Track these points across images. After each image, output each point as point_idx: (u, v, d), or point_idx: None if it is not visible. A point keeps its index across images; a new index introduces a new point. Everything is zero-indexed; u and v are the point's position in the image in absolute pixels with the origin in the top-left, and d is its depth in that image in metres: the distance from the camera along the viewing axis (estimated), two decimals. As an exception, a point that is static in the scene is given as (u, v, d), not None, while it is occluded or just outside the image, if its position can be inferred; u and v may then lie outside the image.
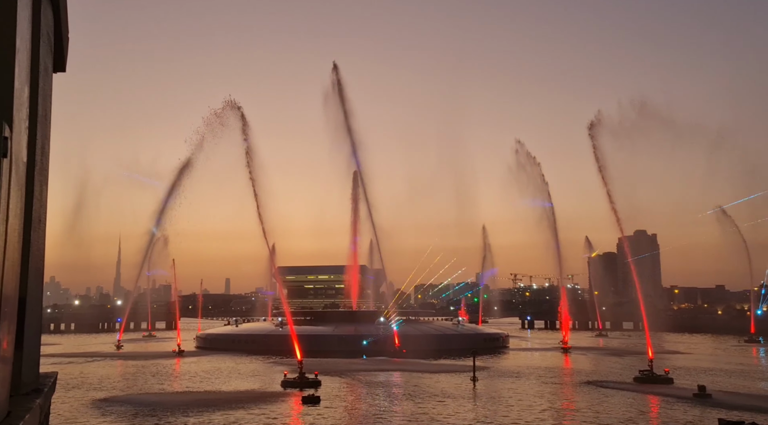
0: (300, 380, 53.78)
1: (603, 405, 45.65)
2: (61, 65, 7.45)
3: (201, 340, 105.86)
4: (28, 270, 5.64)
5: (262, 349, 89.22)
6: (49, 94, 6.70)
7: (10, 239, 4.38)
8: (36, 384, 6.36)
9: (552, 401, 48.11)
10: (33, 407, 5.29)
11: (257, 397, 49.31)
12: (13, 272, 4.70)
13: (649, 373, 58.12)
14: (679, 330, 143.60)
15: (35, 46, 5.60)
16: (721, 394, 49.75)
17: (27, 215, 5.51)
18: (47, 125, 6.65)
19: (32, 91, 5.53)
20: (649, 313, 70.52)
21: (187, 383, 59.64)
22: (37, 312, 6.38)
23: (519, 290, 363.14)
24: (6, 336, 4.50)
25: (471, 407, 44.64)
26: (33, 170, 5.76)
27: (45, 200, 6.62)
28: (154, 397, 50.03)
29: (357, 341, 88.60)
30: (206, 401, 47.41)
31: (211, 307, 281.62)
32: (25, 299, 5.54)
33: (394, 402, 47.10)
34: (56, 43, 7.03)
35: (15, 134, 4.38)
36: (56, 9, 6.67)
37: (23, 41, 4.65)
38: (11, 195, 4.37)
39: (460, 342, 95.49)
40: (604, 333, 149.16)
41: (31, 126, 5.57)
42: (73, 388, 53.55)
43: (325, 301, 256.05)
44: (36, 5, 5.56)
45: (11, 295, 4.67)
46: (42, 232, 6.48)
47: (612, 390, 53.44)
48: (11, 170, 4.31)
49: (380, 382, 59.26)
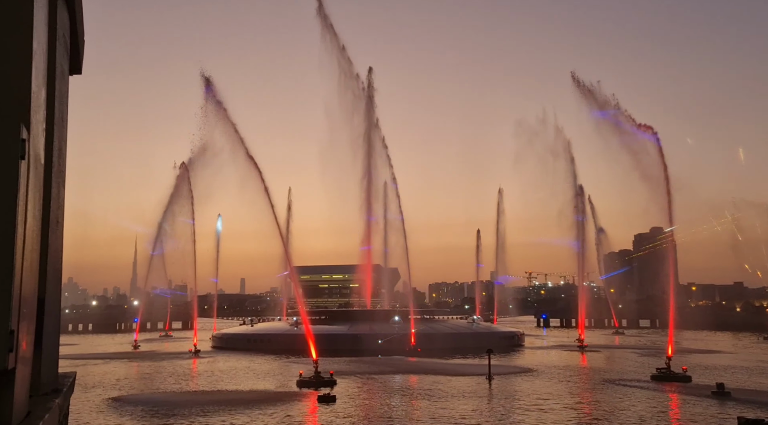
0: (315, 379, 53.89)
1: (620, 403, 45.30)
2: (77, 67, 7.50)
3: (217, 340, 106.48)
4: (46, 271, 5.69)
5: (277, 348, 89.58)
6: (65, 96, 6.75)
7: (28, 241, 4.41)
8: (55, 385, 6.41)
9: (570, 400, 47.81)
10: (52, 407, 5.33)
11: (273, 397, 49.50)
12: (31, 274, 4.73)
13: (666, 371, 57.59)
14: (697, 328, 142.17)
15: (52, 49, 5.64)
16: (740, 392, 49.17)
17: (45, 216, 5.55)
18: (64, 126, 6.70)
19: (49, 94, 5.57)
20: (667, 310, 69.92)
21: (204, 382, 60.02)
22: (55, 313, 6.43)
23: (534, 288, 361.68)
24: (25, 336, 4.54)
25: (487, 406, 44.48)
26: (50, 172, 5.80)
27: (62, 202, 6.67)
28: (171, 397, 50.44)
29: (372, 340, 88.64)
30: (223, 401, 47.67)
31: (227, 307, 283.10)
32: (44, 299, 5.58)
33: (410, 402, 47.06)
34: (72, 45, 7.07)
35: (33, 136, 4.41)
36: (72, 11, 6.71)
37: (40, 44, 4.68)
38: (29, 197, 4.40)
39: (475, 340, 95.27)
40: (621, 331, 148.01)
41: (48, 128, 5.60)
42: (91, 388, 54.06)
43: (339, 300, 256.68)
44: (52, 8, 5.59)
45: (30, 296, 4.70)
46: (60, 233, 6.52)
47: (629, 388, 53.03)
48: (29, 172, 4.34)
49: (396, 381, 59.25)
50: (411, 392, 52.21)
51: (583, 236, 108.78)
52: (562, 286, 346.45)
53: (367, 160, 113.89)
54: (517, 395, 49.25)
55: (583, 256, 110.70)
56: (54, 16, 5.67)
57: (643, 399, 47.36)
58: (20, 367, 4.31)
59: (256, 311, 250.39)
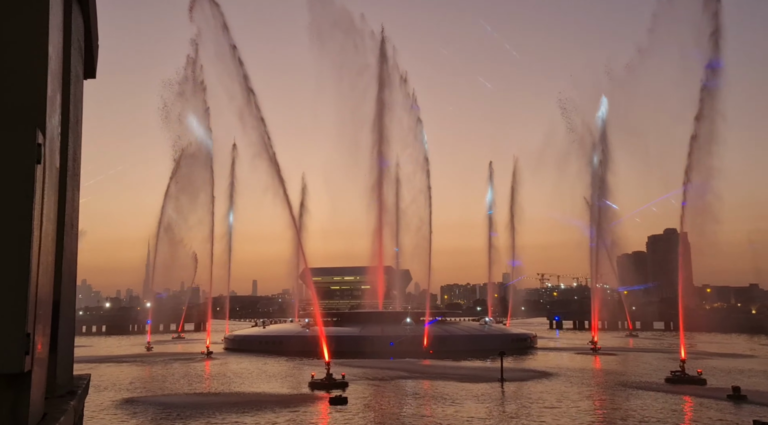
0: (327, 381, 53.94)
1: (634, 406, 44.94)
2: (91, 72, 7.57)
3: (229, 341, 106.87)
4: (61, 274, 5.73)
5: (289, 350, 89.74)
6: (80, 100, 6.80)
7: (44, 244, 4.45)
8: (70, 386, 6.45)
9: (583, 403, 47.51)
10: (68, 409, 5.37)
11: (285, 398, 49.61)
12: (47, 276, 4.77)
13: (680, 374, 57.07)
14: (712, 330, 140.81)
15: (66, 54, 5.69)
16: (757, 395, 48.60)
17: (60, 219, 5.60)
18: (79, 130, 6.75)
19: (64, 98, 5.61)
20: (682, 313, 69.37)
21: (216, 384, 60.26)
22: (70, 315, 6.48)
23: (546, 290, 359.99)
24: (41, 338, 4.58)
25: (501, 410, 44.31)
26: (65, 176, 5.85)
27: (77, 205, 6.72)
28: (184, 398, 50.68)
29: (384, 342, 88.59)
30: (235, 402, 47.84)
31: (239, 309, 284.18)
32: (59, 302, 5.63)
33: (422, 404, 46.97)
34: (86, 50, 7.14)
35: (48, 141, 4.45)
36: (86, 16, 6.77)
37: (55, 49, 4.72)
38: (45, 201, 4.44)
39: (487, 342, 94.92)
40: (635, 333, 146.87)
41: (63, 132, 5.65)
42: (104, 389, 54.45)
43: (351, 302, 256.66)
44: (67, 13, 5.64)
45: (46, 298, 4.74)
46: (74, 236, 6.58)
47: (643, 391, 52.60)
48: (45, 176, 4.38)
49: (408, 383, 59.16)
50: (423, 394, 52.11)
51: (597, 238, 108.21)
52: (575, 288, 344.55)
53: (380, 88, 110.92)
54: (530, 398, 49.00)
55: (596, 258, 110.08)
56: (69, 21, 5.72)
57: (657, 402, 46.94)
58: (36, 369, 4.34)
59: (268, 312, 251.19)
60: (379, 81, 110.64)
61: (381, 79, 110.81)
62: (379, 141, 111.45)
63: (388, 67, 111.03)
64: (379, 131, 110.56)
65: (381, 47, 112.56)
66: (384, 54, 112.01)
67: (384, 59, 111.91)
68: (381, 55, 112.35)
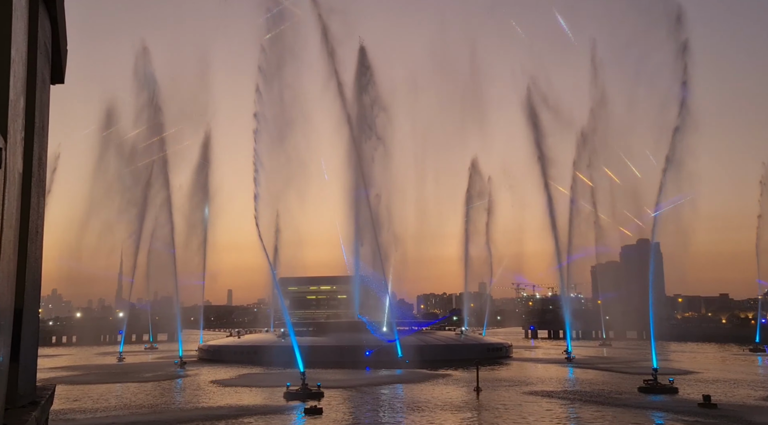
0: (303, 391, 53.55)
1: (606, 415, 45.33)
2: (59, 77, 7.46)
3: (203, 351, 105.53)
4: (24, 282, 5.62)
5: (264, 360, 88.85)
6: (46, 105, 6.71)
7: (5, 251, 4.37)
8: (33, 397, 6.31)
9: (556, 412, 47.80)
10: (29, 419, 5.25)
11: (260, 409, 49.07)
12: (8, 284, 4.68)
13: (653, 383, 57.77)
14: (683, 339, 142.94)
15: (32, 58, 5.61)
16: (727, 404, 49.41)
17: (24, 226, 5.50)
18: (45, 136, 6.65)
19: (29, 103, 5.53)
20: (654, 322, 70.31)
21: (190, 396, 59.37)
22: (33, 324, 6.34)
23: (522, 300, 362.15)
24: (1, 348, 4.48)
25: (476, 418, 44.37)
26: (30, 181, 5.75)
27: (42, 211, 6.60)
28: (155, 415, 49.59)
29: (359, 351, 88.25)
30: (209, 415, 47.18)
31: (213, 318, 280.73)
32: (22, 310, 5.51)
33: (397, 414, 46.85)
34: (54, 54, 7.04)
35: (10, 145, 4.38)
36: (54, 21, 6.69)
37: (19, 52, 4.66)
38: (6, 207, 4.36)
39: (463, 352, 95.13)
40: (608, 343, 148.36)
41: (28, 137, 5.56)
42: (74, 401, 53.32)
43: (327, 312, 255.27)
44: (33, 17, 5.57)
45: (7, 307, 4.65)
46: (39, 243, 6.45)
47: (615, 400, 53.10)
48: (6, 181, 4.30)
49: (383, 393, 58.98)
50: (398, 404, 51.99)
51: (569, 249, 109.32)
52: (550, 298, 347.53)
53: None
54: (506, 407, 49.16)
55: (569, 269, 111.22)
56: (35, 26, 5.65)
57: (629, 411, 47.44)
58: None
59: (244, 322, 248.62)
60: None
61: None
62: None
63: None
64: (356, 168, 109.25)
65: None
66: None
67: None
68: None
